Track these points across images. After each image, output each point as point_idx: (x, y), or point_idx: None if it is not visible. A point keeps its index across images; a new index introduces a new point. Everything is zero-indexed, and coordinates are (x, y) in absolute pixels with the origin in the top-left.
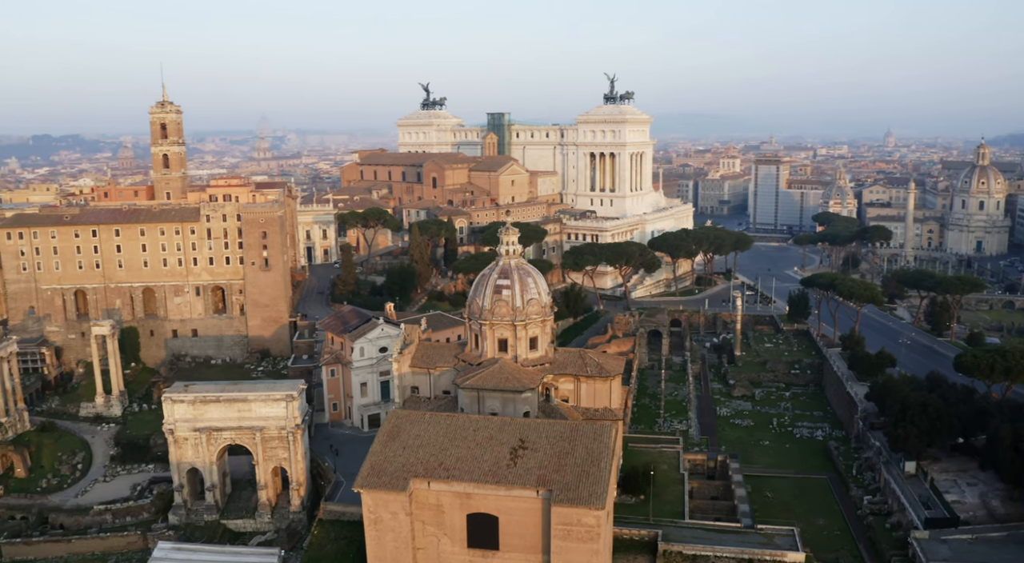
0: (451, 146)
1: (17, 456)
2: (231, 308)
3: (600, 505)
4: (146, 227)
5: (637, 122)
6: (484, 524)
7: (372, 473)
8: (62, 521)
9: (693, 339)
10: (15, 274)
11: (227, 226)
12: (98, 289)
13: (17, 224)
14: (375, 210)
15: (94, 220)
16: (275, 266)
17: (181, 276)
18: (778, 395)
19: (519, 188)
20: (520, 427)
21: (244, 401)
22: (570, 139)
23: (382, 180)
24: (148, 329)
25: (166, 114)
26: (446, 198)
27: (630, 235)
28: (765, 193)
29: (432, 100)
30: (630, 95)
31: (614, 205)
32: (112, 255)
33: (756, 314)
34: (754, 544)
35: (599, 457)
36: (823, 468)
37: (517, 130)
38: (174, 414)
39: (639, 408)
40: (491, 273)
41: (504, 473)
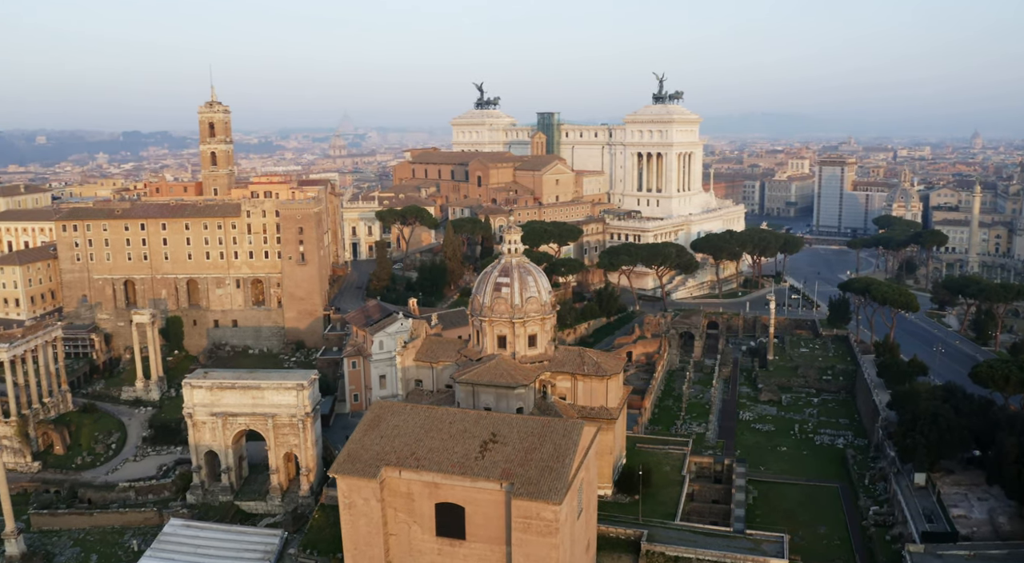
0: (502, 145)
1: (57, 434)
2: (269, 300)
3: (558, 500)
4: (190, 221)
5: (685, 122)
6: (452, 513)
7: (347, 460)
8: (90, 496)
9: (729, 342)
10: (70, 264)
11: (266, 222)
12: (145, 280)
13: (72, 217)
14: (413, 207)
15: (143, 214)
16: (311, 261)
17: (223, 269)
18: (806, 401)
19: (564, 187)
20: (494, 421)
21: (258, 389)
22: (618, 139)
23: (432, 178)
24: (192, 319)
25: (214, 114)
26: (490, 197)
27: (674, 236)
28: (829, 195)
29: (486, 100)
30: (679, 95)
31: (660, 205)
32: (159, 248)
33: (797, 318)
34: (739, 549)
35: (564, 454)
36: (837, 476)
37: (566, 130)
38: (193, 399)
39: (661, 409)
40: (492, 271)
41: (471, 465)
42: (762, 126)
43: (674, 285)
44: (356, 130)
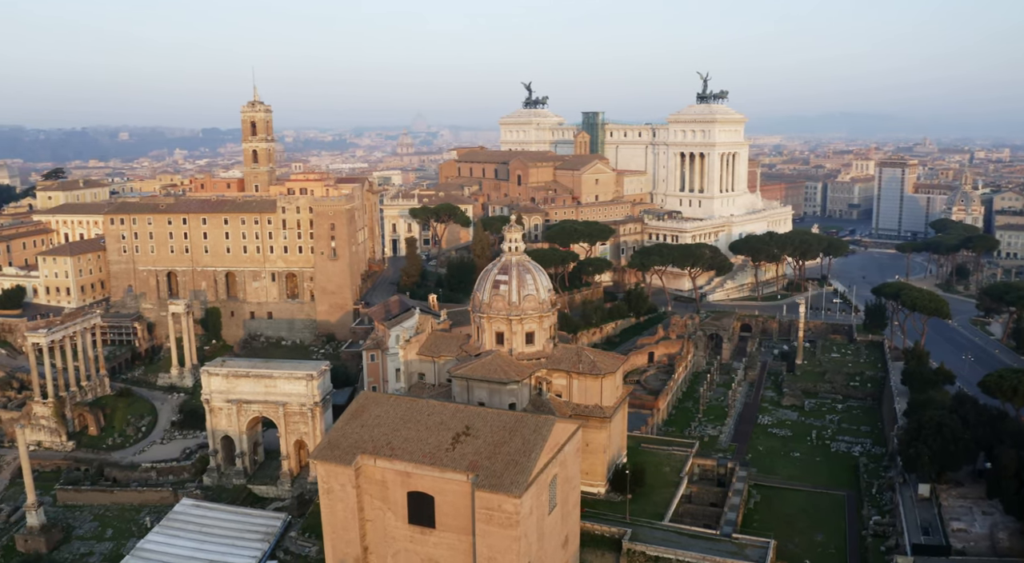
0: (548, 145)
1: (91, 416)
2: (302, 294)
3: (518, 494)
4: (229, 216)
5: (728, 122)
6: (422, 502)
7: (327, 446)
8: (115, 475)
9: (762, 345)
10: (117, 256)
11: (300, 218)
12: (187, 272)
13: (120, 211)
14: (446, 206)
15: (185, 209)
16: (342, 256)
17: (259, 262)
18: (830, 407)
19: (604, 187)
20: (469, 415)
21: (270, 377)
22: (661, 138)
23: (476, 177)
24: (229, 310)
25: (256, 113)
26: (529, 195)
27: (714, 237)
28: (889, 197)
29: (534, 99)
30: (724, 94)
31: (702, 206)
32: (199, 241)
33: (834, 323)
34: (722, 552)
35: (531, 449)
36: (847, 484)
37: (611, 129)
38: (210, 386)
39: (680, 410)
40: (493, 268)
41: (441, 456)
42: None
43: (711, 287)
44: (429, 128)
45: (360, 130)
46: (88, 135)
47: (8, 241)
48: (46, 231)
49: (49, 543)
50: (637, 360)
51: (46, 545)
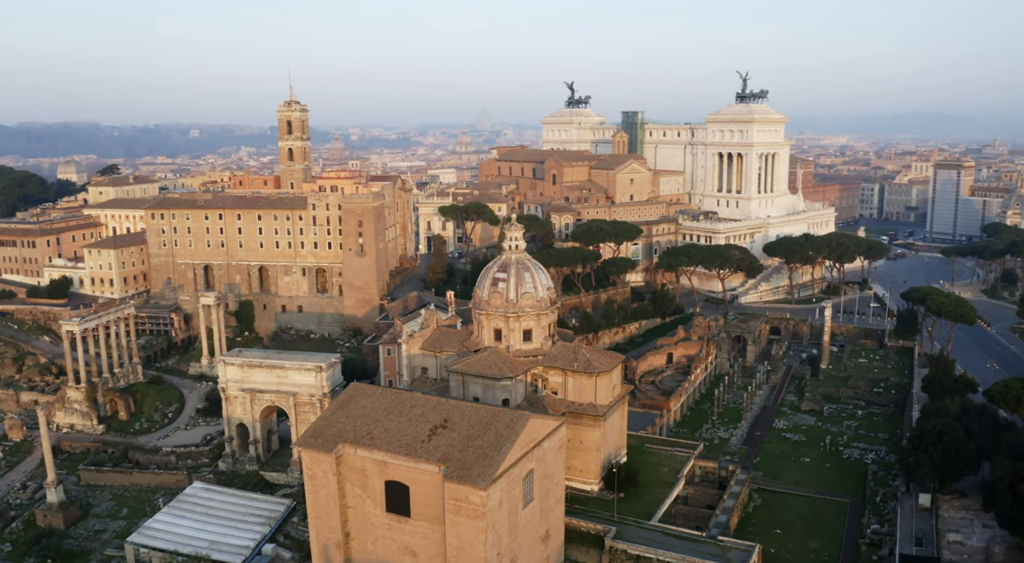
0: (589, 144)
1: (122, 402)
2: (331, 289)
3: (484, 486)
4: (263, 213)
5: (767, 122)
6: (399, 491)
7: (312, 435)
8: (137, 458)
9: (791, 349)
10: (157, 249)
11: (330, 214)
12: (222, 265)
13: (160, 207)
14: (474, 204)
15: (221, 205)
16: (369, 252)
17: (290, 257)
18: (850, 413)
19: (639, 187)
20: (449, 408)
21: (282, 368)
22: (699, 138)
23: (515, 176)
24: (262, 303)
25: (291, 112)
26: (563, 195)
27: (749, 239)
28: (944, 200)
29: (576, 98)
30: (764, 94)
31: (739, 207)
32: (234, 236)
33: (867, 327)
34: (704, 554)
35: (502, 443)
36: (853, 492)
37: (650, 129)
38: (226, 375)
39: (695, 412)
40: (493, 266)
41: (416, 447)
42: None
43: (745, 289)
44: (493, 126)
45: (425, 128)
46: (161, 132)
47: (59, 234)
48: (95, 225)
49: (66, 519)
50: (655, 361)
51: (63, 521)
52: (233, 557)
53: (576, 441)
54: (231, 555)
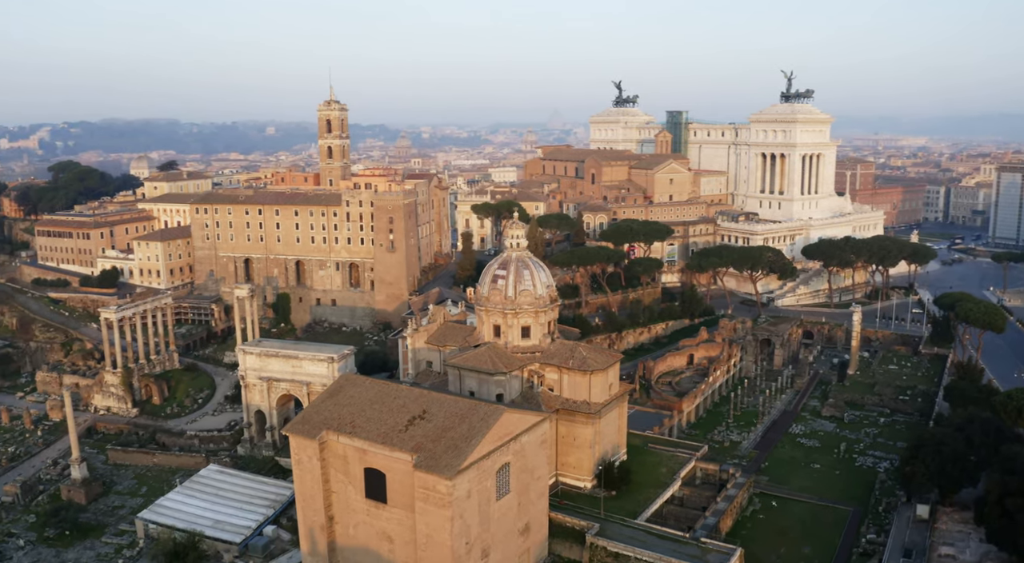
0: (635, 143)
1: (156, 387)
2: (363, 283)
3: (450, 476)
4: (299, 208)
5: (811, 122)
6: (376, 478)
7: (300, 421)
8: (164, 440)
9: (823, 353)
10: (201, 242)
11: (363, 211)
12: (261, 259)
13: (204, 202)
14: (506, 202)
15: (260, 201)
16: (399, 248)
17: (325, 252)
18: (871, 421)
19: (678, 187)
20: (429, 400)
21: (296, 358)
22: (743, 138)
23: (558, 175)
24: (298, 296)
25: (331, 111)
26: (602, 194)
27: (789, 240)
28: (1008, 204)
29: (624, 97)
30: (809, 93)
31: (782, 208)
32: (273, 231)
33: (904, 333)
34: (683, 555)
35: (473, 435)
36: (858, 500)
37: (694, 129)
38: (245, 363)
39: (712, 414)
40: (494, 263)
41: (393, 436)
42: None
43: (783, 291)
44: (564, 125)
45: (497, 127)
46: (238, 129)
47: (112, 226)
48: (148, 218)
49: (88, 495)
50: (675, 362)
51: (85, 497)
52: (234, 536)
53: (570, 438)
54: (232, 534)
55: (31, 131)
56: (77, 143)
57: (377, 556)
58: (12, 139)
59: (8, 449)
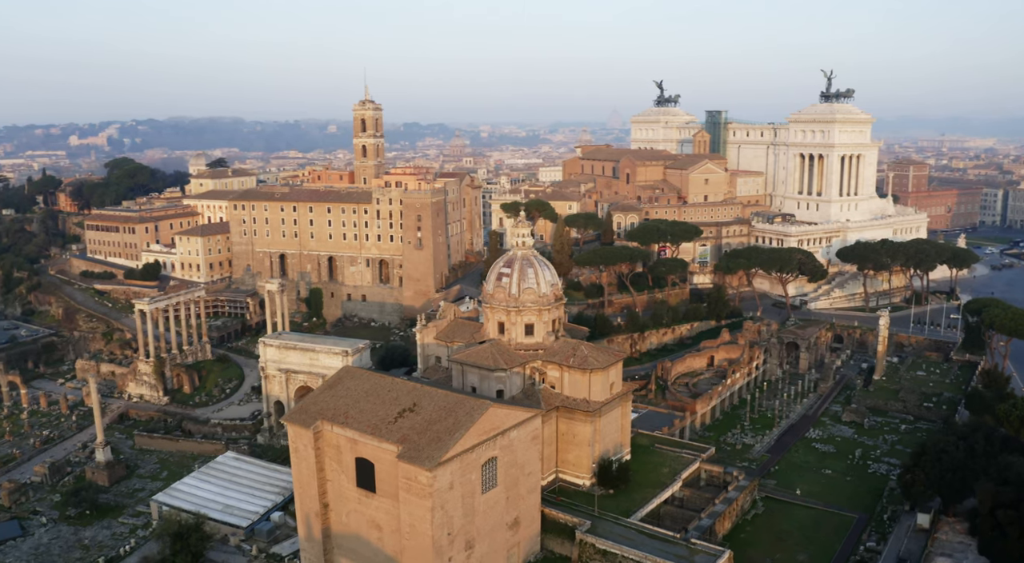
0: (676, 144)
1: (187, 376)
2: (392, 280)
3: (430, 467)
4: (332, 206)
5: (850, 122)
6: (366, 468)
7: (298, 411)
8: (189, 427)
9: (854, 358)
10: (238, 238)
11: (392, 209)
12: (295, 254)
13: (242, 198)
14: (535, 202)
15: (295, 198)
16: (427, 246)
17: (355, 249)
18: (892, 427)
19: (713, 187)
20: (420, 393)
21: (313, 351)
22: (781, 139)
23: (596, 174)
24: (330, 291)
25: (365, 111)
26: (636, 194)
27: (825, 243)
28: None
29: (666, 97)
30: (850, 93)
31: (820, 210)
32: (306, 227)
33: (938, 339)
34: (668, 555)
35: (457, 428)
36: (865, 507)
37: (733, 128)
38: (266, 355)
39: (729, 417)
40: (500, 261)
41: (382, 428)
42: None
43: (817, 294)
44: (623, 125)
45: (556, 126)
46: (300, 128)
47: (157, 221)
48: (193, 214)
49: (111, 477)
50: (694, 363)
51: (108, 479)
52: (241, 520)
53: (569, 435)
54: (240, 519)
55: (100, 128)
56: (144, 140)
57: (367, 544)
58: (82, 136)
59: (43, 432)
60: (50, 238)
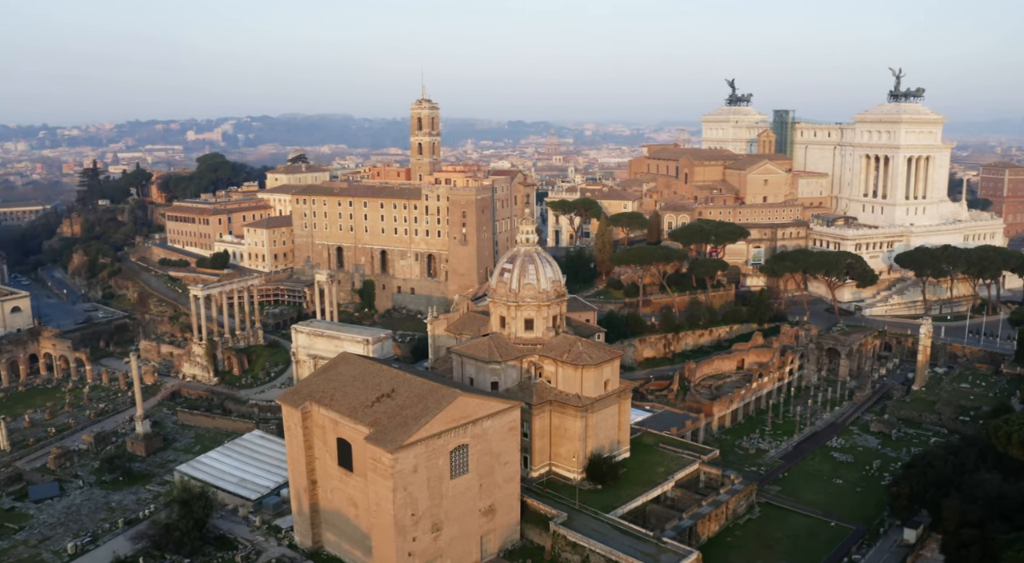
0: (745, 143)
1: (236, 359)
2: (439, 274)
3: (391, 449)
4: (385, 201)
5: (918, 123)
6: (345, 448)
7: (292, 392)
8: (229, 406)
9: (902, 367)
10: (300, 231)
11: (439, 205)
12: (351, 247)
13: (304, 193)
14: (582, 200)
15: (351, 193)
16: (471, 241)
17: (405, 243)
18: (922, 440)
19: (773, 188)
20: (400, 380)
21: (338, 339)
22: (848, 139)
23: (660, 174)
24: (381, 283)
25: (422, 110)
26: (694, 194)
27: (886, 247)
28: None
29: (737, 96)
30: (919, 92)
31: (884, 213)
32: (361, 222)
33: (992, 351)
34: (635, 552)
35: (423, 415)
36: (867, 519)
37: (801, 128)
38: (297, 341)
39: (751, 421)
40: (504, 257)
41: (359, 410)
42: None
43: (875, 300)
44: None
45: (662, 125)
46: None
47: (230, 214)
48: (266, 207)
49: (148, 448)
50: (723, 365)
51: (144, 449)
52: (252, 493)
53: (561, 429)
54: (250, 492)
55: (217, 124)
56: (257, 136)
57: (347, 520)
58: (199, 131)
59: (99, 405)
60: (137, 227)
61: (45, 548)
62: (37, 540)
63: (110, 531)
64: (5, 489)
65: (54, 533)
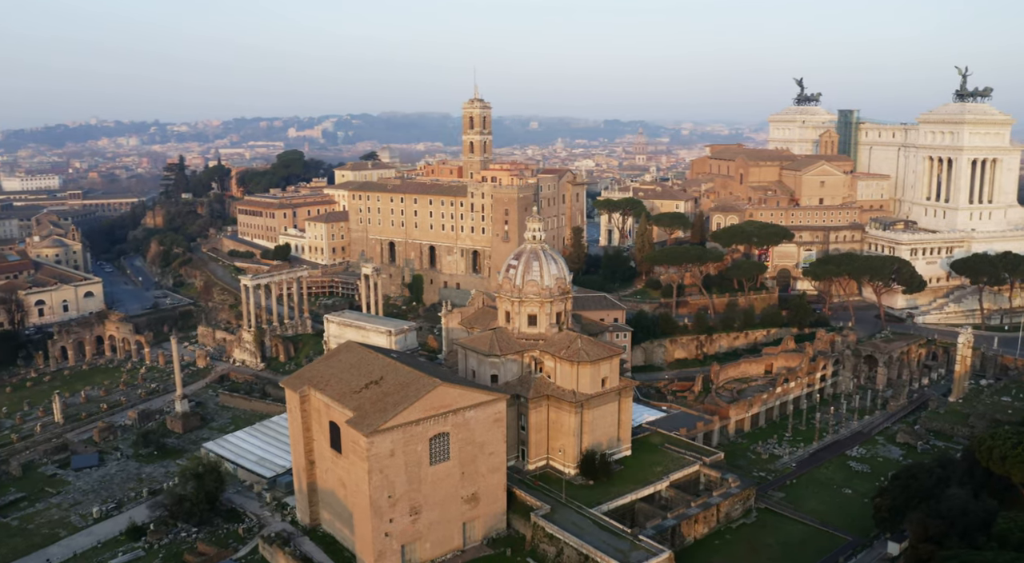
0: (811, 144)
1: (283, 347)
2: (483, 269)
3: (367, 433)
4: (433, 198)
5: (983, 124)
6: (335, 431)
7: (294, 376)
8: (269, 391)
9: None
10: (356, 225)
11: (484, 203)
12: (402, 242)
13: (360, 189)
14: (626, 200)
15: (403, 190)
16: (513, 239)
17: (452, 239)
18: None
19: (830, 190)
20: (390, 369)
21: (364, 329)
22: (911, 140)
23: (720, 174)
24: (429, 278)
25: (474, 109)
26: (748, 194)
27: (945, 253)
28: None
29: (806, 95)
30: (987, 92)
31: (946, 218)
32: (412, 218)
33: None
34: (608, 548)
35: (401, 402)
36: (865, 531)
37: (866, 129)
38: (328, 330)
39: (773, 425)
40: (511, 254)
41: (347, 395)
42: None
43: (931, 307)
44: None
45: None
46: (504, 124)
47: (296, 208)
48: (330, 202)
49: (185, 426)
50: (750, 369)
51: (182, 427)
52: (267, 472)
53: (558, 424)
54: (267, 470)
55: (318, 121)
56: (356, 133)
57: (337, 499)
58: (300, 128)
59: (151, 385)
60: (213, 219)
61: (74, 512)
62: (69, 504)
63: (135, 500)
64: (51, 457)
65: (85, 499)
